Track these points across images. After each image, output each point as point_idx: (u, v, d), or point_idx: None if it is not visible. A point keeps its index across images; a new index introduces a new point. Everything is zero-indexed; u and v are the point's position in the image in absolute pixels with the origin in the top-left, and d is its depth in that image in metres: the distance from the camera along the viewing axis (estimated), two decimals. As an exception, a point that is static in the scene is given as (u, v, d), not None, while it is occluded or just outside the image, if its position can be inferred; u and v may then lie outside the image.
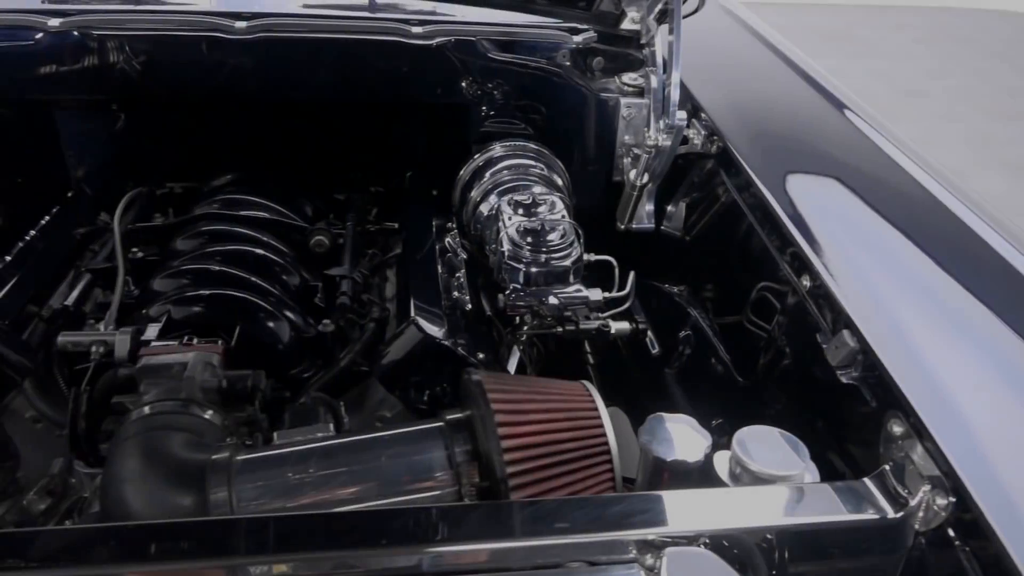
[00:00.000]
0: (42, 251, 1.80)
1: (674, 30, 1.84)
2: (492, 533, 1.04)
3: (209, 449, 1.23)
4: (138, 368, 1.38)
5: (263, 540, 1.03)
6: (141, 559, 1.01)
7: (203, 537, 1.04)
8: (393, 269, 1.98)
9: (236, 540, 1.03)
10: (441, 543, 1.03)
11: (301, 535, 1.02)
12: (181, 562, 1.02)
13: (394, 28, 2.06)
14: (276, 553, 1.02)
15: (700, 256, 2.17)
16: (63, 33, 1.93)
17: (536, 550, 1.06)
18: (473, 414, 1.24)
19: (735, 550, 1.10)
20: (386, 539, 1.02)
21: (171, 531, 1.05)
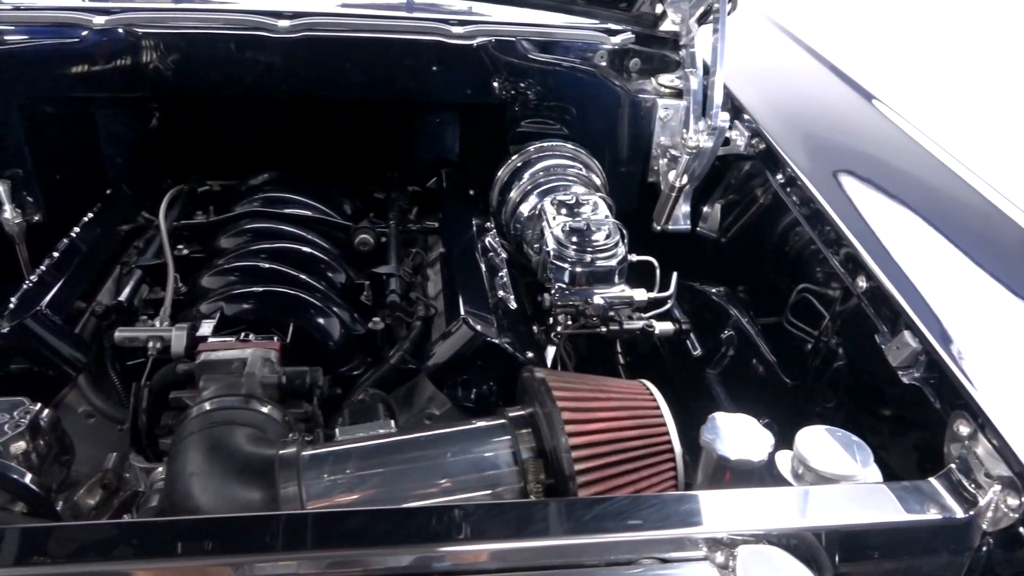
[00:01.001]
0: (88, 248, 1.80)
1: (718, 31, 1.85)
2: (564, 529, 1.05)
3: (273, 444, 1.23)
4: (197, 364, 1.39)
5: (336, 535, 1.03)
6: (216, 552, 1.02)
7: (276, 531, 1.04)
8: (433, 268, 1.99)
9: (310, 534, 1.03)
10: (514, 539, 1.04)
11: (374, 530, 1.03)
12: (255, 555, 1.02)
13: (435, 28, 2.07)
14: (349, 548, 1.03)
15: (735, 257, 2.17)
16: (108, 31, 1.94)
17: (608, 546, 1.06)
18: (536, 411, 1.24)
19: (801, 549, 1.10)
20: (460, 535, 1.03)
21: (245, 525, 1.06)
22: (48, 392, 1.50)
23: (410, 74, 2.07)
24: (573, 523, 1.05)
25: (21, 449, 1.31)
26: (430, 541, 1.03)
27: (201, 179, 2.17)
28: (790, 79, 2.22)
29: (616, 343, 2.32)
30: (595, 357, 2.26)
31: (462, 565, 1.03)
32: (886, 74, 2.53)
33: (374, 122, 2.37)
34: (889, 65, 3.83)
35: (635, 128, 2.22)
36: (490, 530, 1.04)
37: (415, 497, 1.17)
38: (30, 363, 1.50)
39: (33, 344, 1.49)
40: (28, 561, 0.97)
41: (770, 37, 2.44)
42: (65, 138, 2.17)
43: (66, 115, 2.15)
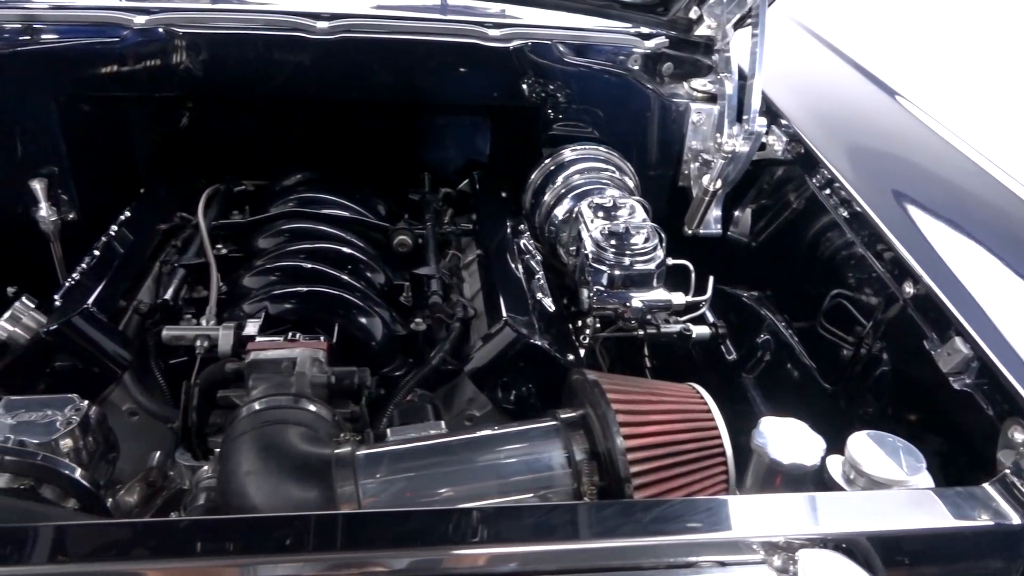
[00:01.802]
0: (129, 246, 1.81)
1: (757, 35, 1.85)
2: (622, 531, 1.05)
3: (326, 444, 1.24)
4: (247, 363, 1.39)
5: (395, 534, 1.03)
6: (275, 551, 1.02)
7: (335, 530, 1.04)
8: (467, 269, 1.99)
9: (368, 534, 1.04)
10: (573, 541, 1.04)
11: (432, 530, 1.03)
12: (314, 554, 1.03)
13: (471, 31, 2.08)
14: (408, 548, 1.03)
15: (766, 262, 2.18)
16: (149, 30, 1.95)
17: (665, 549, 1.07)
18: (588, 413, 1.25)
19: (855, 554, 1.10)
20: (519, 536, 1.03)
21: (304, 524, 1.06)
22: (93, 389, 1.51)
23: (447, 76, 2.08)
24: (632, 525, 1.06)
25: (71, 446, 1.32)
26: (490, 542, 1.04)
27: (236, 179, 2.18)
28: (823, 83, 2.23)
29: (644, 346, 2.32)
30: (621, 360, 2.27)
31: (522, 567, 1.04)
32: (917, 77, 2.51)
33: (405, 123, 2.38)
34: (919, 67, 3.80)
35: (667, 132, 2.23)
36: (549, 531, 1.04)
37: (470, 497, 1.17)
38: (77, 361, 1.51)
39: (80, 342, 1.49)
40: (89, 558, 0.97)
41: (800, 41, 2.44)
42: (100, 137, 2.18)
43: (101, 114, 2.16)
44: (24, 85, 1.97)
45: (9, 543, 0.94)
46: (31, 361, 1.50)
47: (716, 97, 2.19)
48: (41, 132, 2.04)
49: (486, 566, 1.03)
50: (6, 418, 1.31)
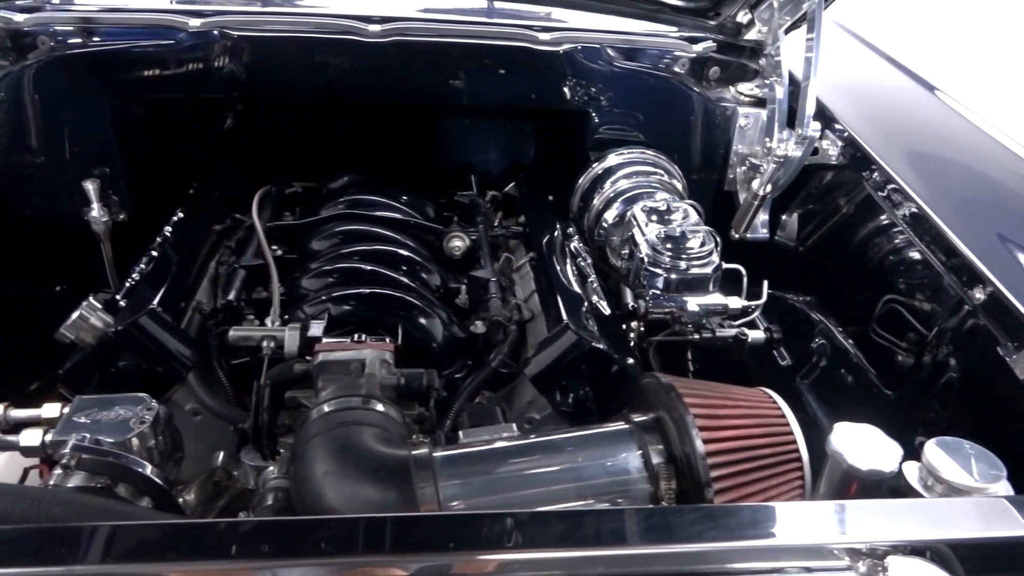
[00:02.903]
0: (186, 247, 1.82)
1: (813, 39, 1.85)
2: (708, 535, 1.05)
3: (401, 445, 1.24)
4: (316, 364, 1.40)
5: (477, 536, 1.03)
6: (360, 552, 1.02)
7: (418, 531, 1.05)
8: (518, 272, 1.99)
9: (451, 536, 1.04)
10: (657, 544, 1.04)
11: (516, 533, 1.03)
12: (397, 556, 1.03)
13: (522, 34, 2.08)
14: (491, 550, 1.03)
15: (813, 266, 2.17)
16: (203, 33, 1.96)
17: (750, 553, 1.06)
18: (663, 417, 1.24)
19: (943, 561, 1.10)
20: (604, 539, 1.03)
21: (388, 525, 1.06)
22: (157, 389, 1.51)
23: (498, 80, 2.08)
24: (718, 530, 1.05)
25: (144, 445, 1.32)
26: (574, 545, 1.03)
27: (287, 180, 2.19)
28: (873, 86, 2.22)
29: (687, 350, 2.32)
30: (665, 364, 2.27)
31: (608, 570, 1.03)
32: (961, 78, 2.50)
33: (450, 126, 2.39)
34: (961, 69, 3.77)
35: (714, 136, 2.23)
36: (634, 535, 1.04)
37: (548, 500, 1.17)
38: (142, 361, 1.52)
39: (147, 342, 1.50)
40: (176, 557, 0.97)
41: (845, 44, 2.43)
42: (150, 138, 2.20)
43: (152, 115, 2.18)
44: (80, 87, 1.99)
45: (96, 540, 0.94)
46: (97, 361, 1.51)
47: (763, 101, 2.19)
48: (95, 133, 2.06)
49: (572, 569, 1.03)
50: (80, 417, 1.32)
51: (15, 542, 0.91)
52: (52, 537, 0.94)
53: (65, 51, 1.98)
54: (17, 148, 1.98)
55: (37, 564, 0.91)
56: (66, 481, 1.22)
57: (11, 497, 1.05)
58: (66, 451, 1.23)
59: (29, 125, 1.98)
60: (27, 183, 2.03)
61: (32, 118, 1.98)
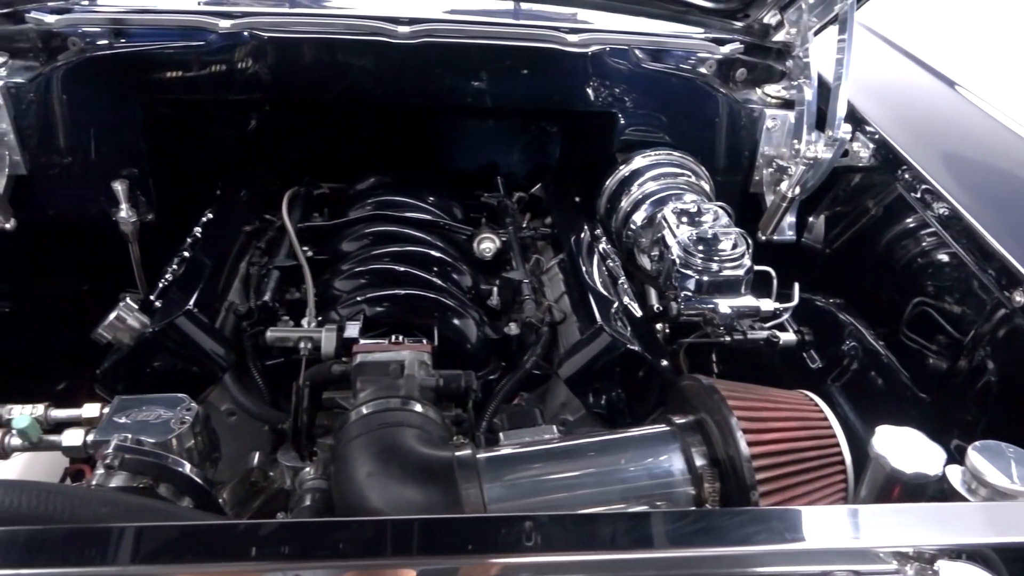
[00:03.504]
0: (218, 248, 1.83)
1: (845, 41, 1.84)
2: (756, 538, 1.04)
3: (443, 446, 1.24)
4: (355, 365, 1.40)
5: (523, 539, 1.03)
6: (408, 553, 1.02)
7: (465, 533, 1.04)
8: (547, 274, 1.99)
9: (497, 538, 1.04)
10: (704, 547, 1.04)
11: (562, 535, 1.03)
12: (442, 558, 1.03)
13: (551, 36, 2.08)
14: (536, 553, 1.03)
15: (840, 269, 2.16)
16: (234, 34, 1.97)
17: (799, 556, 1.06)
18: (705, 419, 1.24)
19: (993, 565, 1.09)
20: (650, 542, 1.03)
21: (436, 526, 1.06)
22: (193, 390, 1.52)
23: (526, 81, 2.08)
24: (766, 533, 1.05)
25: (185, 445, 1.33)
26: (620, 548, 1.03)
27: (315, 181, 2.20)
28: (902, 88, 2.21)
29: (712, 352, 2.31)
30: (691, 366, 2.26)
31: (659, 572, 1.03)
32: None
33: (475, 127, 2.39)
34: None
35: (740, 138, 2.22)
36: (682, 537, 1.04)
37: (592, 502, 1.17)
38: (178, 361, 1.52)
39: (184, 343, 1.51)
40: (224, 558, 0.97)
41: (872, 46, 2.43)
42: (178, 139, 2.21)
43: (181, 116, 2.19)
44: (110, 88, 2.00)
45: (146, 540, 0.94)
46: (134, 361, 1.51)
47: (790, 103, 2.18)
48: (123, 134, 2.07)
49: (619, 571, 1.03)
50: (120, 417, 1.33)
51: (55, 541, 0.91)
52: (103, 536, 0.94)
53: (95, 52, 1.98)
54: (46, 149, 1.99)
55: (89, 564, 0.91)
56: (108, 481, 1.23)
57: (60, 497, 1.06)
58: (109, 451, 1.24)
59: (59, 126, 1.99)
60: (55, 183, 2.03)
61: (62, 119, 1.98)
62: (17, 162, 1.97)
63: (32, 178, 2.00)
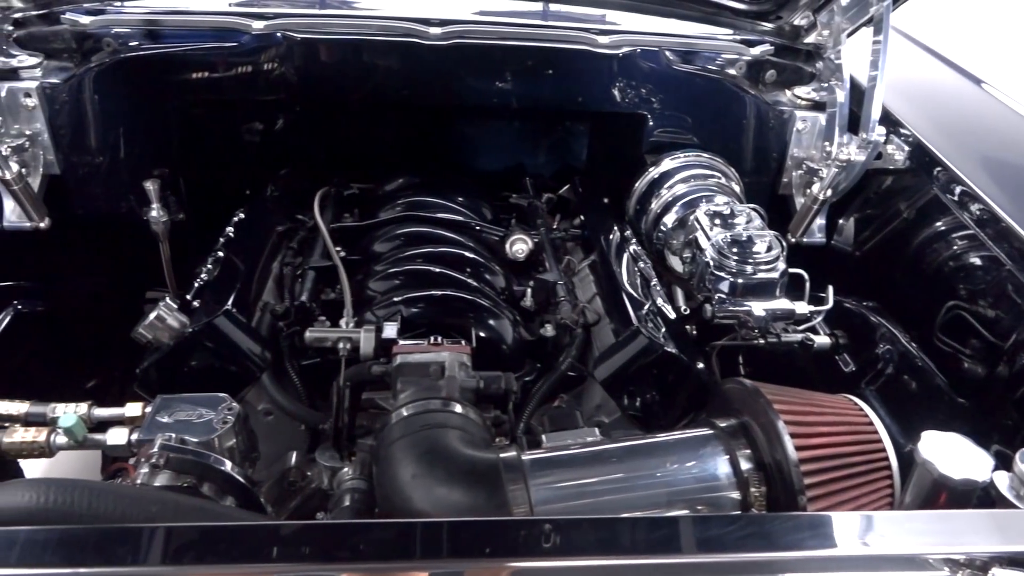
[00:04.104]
0: (249, 248, 1.83)
1: (880, 43, 1.83)
2: (808, 543, 1.04)
3: (487, 448, 1.24)
4: (395, 366, 1.40)
5: (572, 541, 1.03)
6: (459, 555, 1.01)
7: (514, 535, 1.04)
8: (578, 275, 1.99)
9: (546, 540, 1.03)
10: (754, 551, 1.03)
11: (623, 538, 1.02)
12: (489, 560, 1.02)
13: (582, 37, 2.08)
14: (584, 556, 1.02)
15: (870, 272, 2.15)
16: (267, 35, 1.97)
17: (851, 561, 1.05)
18: (749, 423, 1.24)
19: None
20: (699, 545, 1.02)
21: (484, 528, 1.06)
22: (230, 389, 1.52)
23: (558, 82, 2.08)
24: (817, 538, 1.05)
25: (227, 445, 1.33)
26: (669, 552, 1.03)
27: (345, 181, 2.20)
28: (934, 89, 2.20)
29: (739, 355, 2.30)
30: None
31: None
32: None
33: (503, 128, 2.39)
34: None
35: (770, 140, 2.21)
36: (732, 542, 1.03)
37: (637, 505, 1.17)
38: (217, 361, 1.53)
39: (223, 343, 1.51)
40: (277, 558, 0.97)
41: (901, 48, 2.41)
42: (209, 139, 2.22)
43: (211, 116, 2.19)
44: (143, 89, 2.01)
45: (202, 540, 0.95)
46: (173, 361, 1.52)
47: (820, 105, 2.17)
48: (156, 134, 2.08)
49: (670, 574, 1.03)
50: (163, 416, 1.33)
51: (125, 538, 0.91)
52: (151, 535, 0.94)
53: (128, 53, 1.99)
54: (79, 149, 2.00)
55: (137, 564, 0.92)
56: (152, 480, 1.23)
57: (112, 496, 1.06)
58: (154, 450, 1.24)
59: (92, 126, 2.00)
60: (87, 183, 2.04)
61: (95, 119, 1.99)
62: (51, 162, 1.98)
63: (64, 178, 2.01)
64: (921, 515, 1.14)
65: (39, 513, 1.01)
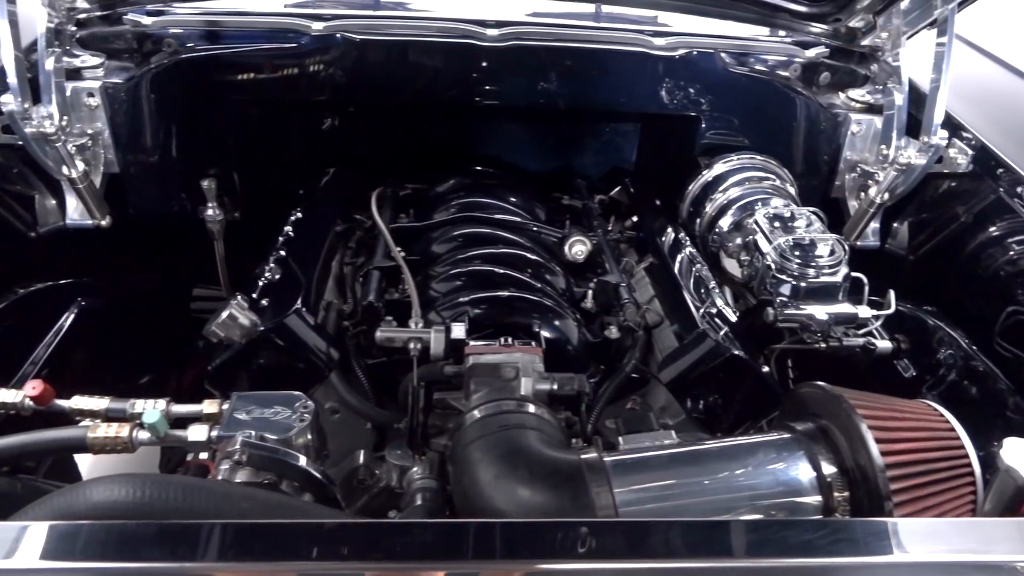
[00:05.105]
0: (310, 247, 1.85)
1: (945, 45, 1.82)
2: (892, 549, 1.04)
3: (567, 449, 1.24)
4: (468, 367, 1.41)
5: (661, 543, 1.03)
6: (549, 555, 1.02)
7: (600, 537, 1.04)
8: (634, 276, 1.99)
9: (640, 541, 1.04)
10: (842, 555, 1.03)
11: (712, 541, 1.03)
12: (579, 561, 1.03)
13: (638, 39, 2.08)
14: (671, 559, 1.02)
15: (925, 275, 2.14)
16: (326, 36, 1.99)
17: (936, 567, 1.05)
18: (829, 427, 1.23)
19: None
20: (788, 549, 1.02)
21: (573, 529, 1.06)
22: (297, 387, 1.53)
23: (613, 83, 2.08)
24: (906, 544, 1.04)
25: (304, 442, 1.34)
26: (754, 555, 1.03)
27: (399, 182, 2.21)
28: (994, 92, 2.18)
29: (787, 359, 2.29)
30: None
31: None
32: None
33: (553, 128, 2.39)
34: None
35: (823, 142, 2.20)
36: (822, 546, 1.03)
37: (720, 508, 1.16)
38: (286, 359, 1.54)
39: (294, 341, 1.52)
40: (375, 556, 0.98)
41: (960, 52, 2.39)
42: (264, 139, 2.24)
43: (267, 116, 2.21)
44: (204, 88, 2.03)
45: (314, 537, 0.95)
46: (243, 359, 1.53)
47: (875, 107, 2.16)
48: (213, 134, 2.10)
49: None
50: (241, 413, 1.35)
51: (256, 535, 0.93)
52: (285, 532, 0.96)
53: (189, 54, 2.01)
54: (137, 148, 2.02)
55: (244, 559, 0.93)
56: (233, 476, 1.24)
57: (205, 492, 1.08)
58: (236, 447, 1.25)
59: (150, 126, 2.02)
60: (145, 181, 2.07)
61: (153, 119, 2.02)
62: (111, 160, 2.00)
63: (122, 176, 2.04)
64: (1008, 523, 1.13)
65: (136, 508, 1.03)
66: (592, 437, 1.41)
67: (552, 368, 1.51)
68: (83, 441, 1.30)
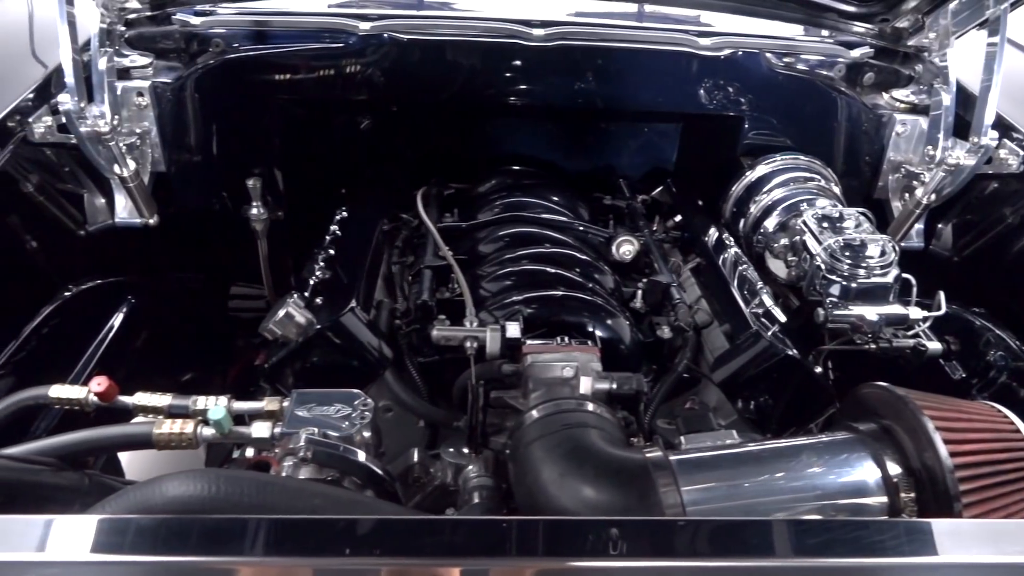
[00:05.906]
0: (359, 246, 1.86)
1: (996, 45, 1.81)
2: (964, 550, 1.03)
3: (625, 447, 1.25)
4: (527, 366, 1.41)
5: (726, 542, 1.03)
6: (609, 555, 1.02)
7: (670, 535, 1.05)
8: (680, 277, 1.99)
9: (707, 541, 1.04)
10: (914, 555, 1.03)
11: (781, 541, 1.03)
12: (648, 559, 1.03)
13: (683, 39, 2.08)
14: (739, 557, 1.02)
15: (971, 277, 2.13)
16: (373, 36, 2.00)
17: (1008, 569, 1.04)
18: (893, 427, 1.23)
19: None
20: (860, 549, 1.02)
21: (640, 528, 1.06)
22: (353, 386, 1.54)
23: (657, 83, 2.09)
24: (977, 545, 1.04)
25: (362, 439, 1.35)
26: (820, 554, 1.02)
27: (444, 181, 2.22)
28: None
29: (827, 359, 2.28)
30: None
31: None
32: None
33: (595, 128, 2.39)
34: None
35: (867, 143, 2.20)
36: (894, 547, 1.03)
37: (785, 508, 1.16)
38: (341, 357, 1.55)
39: (349, 339, 1.54)
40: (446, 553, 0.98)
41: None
42: (308, 138, 2.25)
43: (311, 116, 2.23)
44: (250, 88, 2.05)
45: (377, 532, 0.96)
46: (299, 357, 1.55)
47: (920, 108, 2.15)
48: (259, 134, 2.12)
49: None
50: (302, 411, 1.36)
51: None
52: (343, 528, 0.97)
53: (236, 54, 2.03)
54: (184, 147, 2.05)
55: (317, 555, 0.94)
56: (296, 473, 1.26)
57: (277, 489, 1.09)
58: (300, 444, 1.27)
59: (197, 125, 2.04)
60: (190, 180, 2.09)
61: (200, 118, 2.04)
62: (158, 159, 2.02)
63: (169, 174, 2.06)
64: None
65: (211, 503, 1.04)
66: (652, 436, 1.41)
67: (606, 368, 1.51)
68: (149, 437, 1.31)
